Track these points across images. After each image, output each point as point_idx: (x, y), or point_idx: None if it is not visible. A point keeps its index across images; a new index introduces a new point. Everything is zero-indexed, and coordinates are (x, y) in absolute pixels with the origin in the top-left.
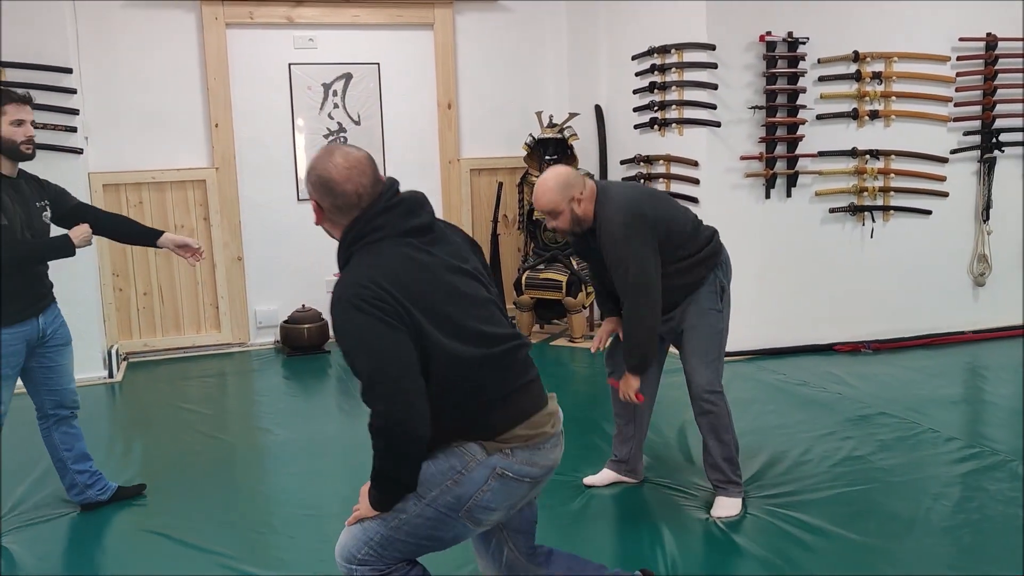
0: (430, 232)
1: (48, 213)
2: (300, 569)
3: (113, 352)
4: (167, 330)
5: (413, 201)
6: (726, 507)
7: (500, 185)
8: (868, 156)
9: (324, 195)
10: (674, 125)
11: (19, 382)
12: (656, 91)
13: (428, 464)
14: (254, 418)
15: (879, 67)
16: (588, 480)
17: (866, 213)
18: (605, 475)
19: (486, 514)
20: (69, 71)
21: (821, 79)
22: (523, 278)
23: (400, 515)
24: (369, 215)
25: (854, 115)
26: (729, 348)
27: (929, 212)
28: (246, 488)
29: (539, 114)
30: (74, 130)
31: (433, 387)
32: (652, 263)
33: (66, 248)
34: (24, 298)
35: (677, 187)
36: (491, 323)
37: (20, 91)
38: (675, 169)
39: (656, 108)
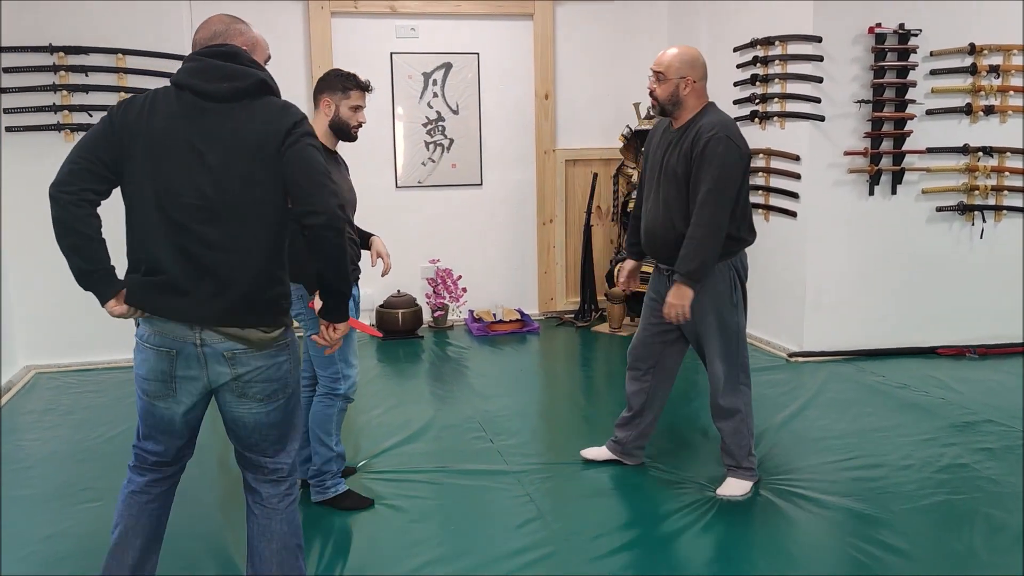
0: (210, 99)
1: None
2: (386, 547)
3: None
4: None
5: (206, 68)
6: (734, 487)
7: (595, 176)
8: (981, 153)
9: None
10: (775, 118)
11: None
12: (758, 83)
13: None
14: None
15: (996, 60)
16: (586, 452)
17: (976, 212)
18: (603, 451)
19: (140, 383)
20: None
21: (933, 72)
22: (615, 270)
23: None
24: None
25: (967, 110)
26: (827, 348)
27: None
28: None
29: (637, 105)
30: None
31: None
32: (738, 183)
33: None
34: (352, 263)
35: (777, 182)
36: (199, 216)
37: (365, 79)
38: (775, 163)
39: (757, 101)
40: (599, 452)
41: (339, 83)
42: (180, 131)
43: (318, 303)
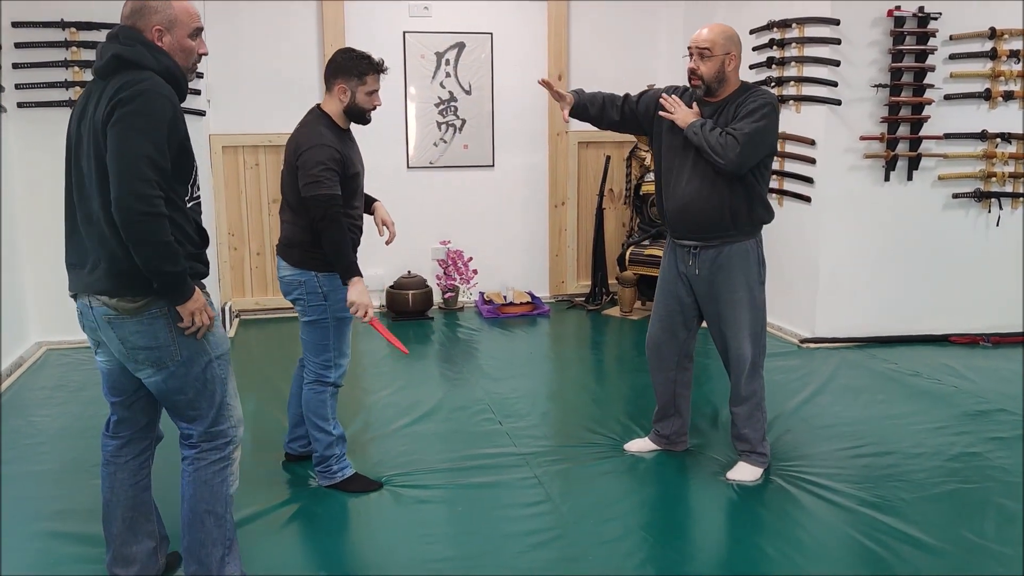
0: (92, 81)
1: None
2: (394, 529)
3: (227, 309)
4: (278, 290)
5: (100, 47)
6: (745, 472)
7: (608, 159)
8: (999, 140)
9: None
10: (791, 102)
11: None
12: (774, 66)
13: None
14: (358, 380)
15: (1017, 45)
16: (629, 446)
17: (993, 200)
18: (647, 444)
19: None
20: None
21: (952, 57)
22: (627, 254)
23: None
24: None
25: (986, 96)
26: (839, 334)
27: None
28: (349, 448)
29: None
30: (198, 93)
31: None
32: (765, 151)
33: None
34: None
35: (792, 166)
36: (80, 194)
37: (378, 58)
38: (790, 148)
39: (773, 84)
40: (643, 444)
41: (354, 68)
42: (77, 114)
43: (351, 293)
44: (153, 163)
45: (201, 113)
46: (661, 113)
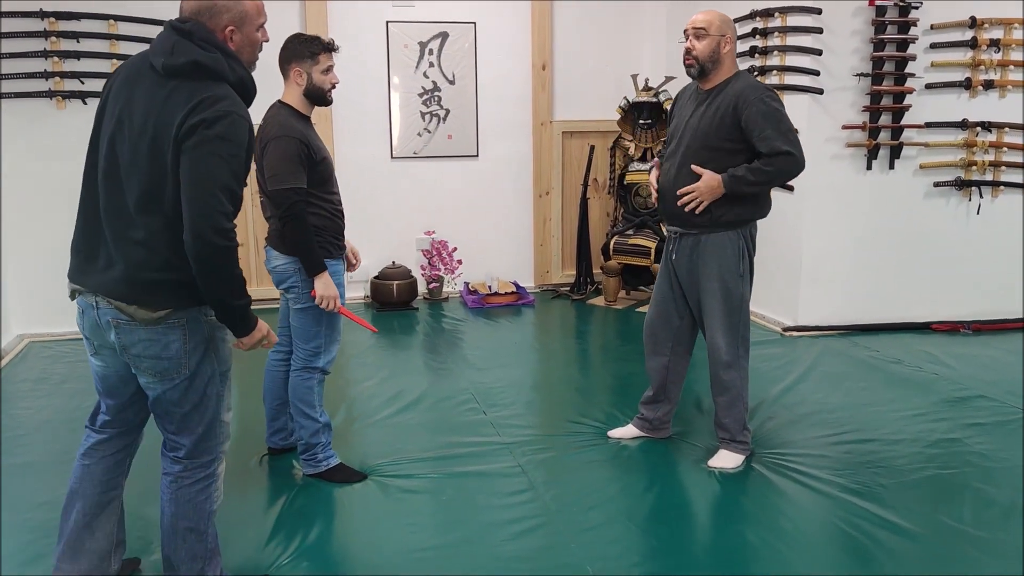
0: (154, 71)
1: None
2: (379, 519)
3: None
4: (262, 281)
5: (159, 39)
6: (726, 460)
7: (592, 148)
8: (979, 128)
9: None
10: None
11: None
12: (756, 56)
13: None
14: (342, 370)
15: (997, 34)
16: (613, 433)
17: (973, 188)
18: (630, 430)
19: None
20: None
21: (933, 46)
22: (611, 243)
23: None
24: None
25: (967, 85)
26: (821, 322)
27: None
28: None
29: (635, 77)
30: None
31: None
32: (794, 132)
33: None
34: (340, 235)
35: None
36: (109, 183)
37: (328, 38)
38: None
39: (756, 73)
40: (626, 431)
41: (305, 49)
42: (121, 97)
43: (317, 287)
44: (232, 194)
45: None
46: (689, 207)
